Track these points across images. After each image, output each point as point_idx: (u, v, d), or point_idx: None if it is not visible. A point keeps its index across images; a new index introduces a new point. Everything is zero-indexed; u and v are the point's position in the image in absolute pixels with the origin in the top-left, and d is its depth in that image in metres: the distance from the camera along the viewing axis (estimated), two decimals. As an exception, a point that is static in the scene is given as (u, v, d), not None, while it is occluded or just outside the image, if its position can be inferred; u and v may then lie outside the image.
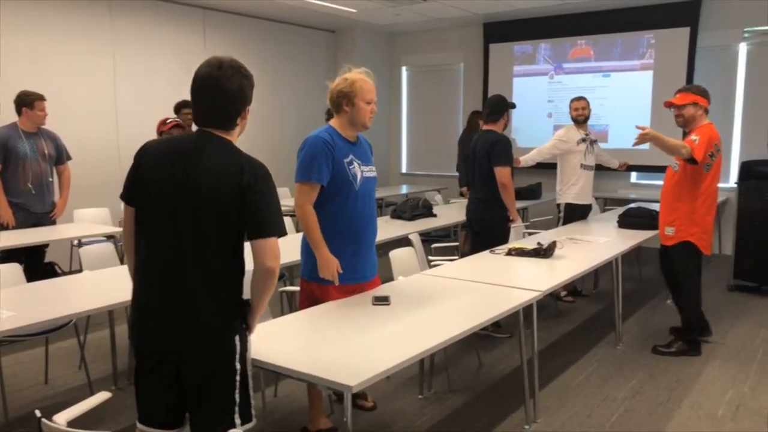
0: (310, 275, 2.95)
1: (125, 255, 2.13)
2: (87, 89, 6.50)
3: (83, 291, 3.23)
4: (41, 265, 4.81)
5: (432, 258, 4.20)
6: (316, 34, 9.21)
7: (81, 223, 5.19)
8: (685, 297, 4.26)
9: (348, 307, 2.82)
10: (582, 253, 4.05)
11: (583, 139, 5.32)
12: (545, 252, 3.87)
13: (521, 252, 3.95)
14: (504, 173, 4.47)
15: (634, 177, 8.03)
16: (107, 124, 6.71)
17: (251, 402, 2.07)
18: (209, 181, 1.91)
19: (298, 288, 3.16)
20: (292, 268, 4.18)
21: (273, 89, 8.60)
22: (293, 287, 3.71)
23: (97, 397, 1.94)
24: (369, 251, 3.05)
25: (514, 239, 4.62)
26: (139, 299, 2.01)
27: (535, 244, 3.96)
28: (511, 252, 3.98)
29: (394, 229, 4.87)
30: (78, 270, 3.84)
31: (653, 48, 7.64)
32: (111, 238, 4.67)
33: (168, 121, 4.51)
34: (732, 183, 6.58)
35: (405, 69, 9.80)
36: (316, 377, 2.07)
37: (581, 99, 5.40)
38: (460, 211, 5.30)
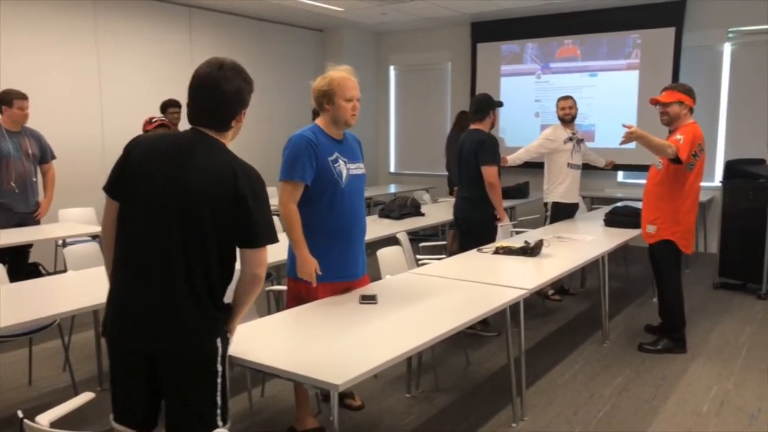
0: (297, 274, 2.95)
1: (104, 251, 2.08)
2: (71, 88, 6.44)
3: (68, 291, 3.20)
4: (25, 266, 4.76)
5: (420, 257, 4.20)
6: (303, 33, 9.19)
7: (66, 223, 5.15)
8: (669, 294, 4.29)
9: (335, 306, 2.81)
10: (569, 252, 4.07)
11: (570, 138, 5.34)
12: (532, 250, 3.88)
13: (508, 250, 3.96)
14: (491, 172, 4.48)
15: (620, 176, 8.08)
16: (92, 123, 6.66)
17: (228, 403, 2.06)
18: (200, 183, 1.89)
19: (285, 287, 3.15)
20: (279, 267, 4.16)
21: (260, 88, 8.48)
22: (280, 287, 3.70)
23: (81, 398, 1.92)
24: (357, 249, 3.03)
25: (501, 238, 4.63)
26: (118, 297, 1.96)
27: (522, 242, 3.97)
28: (499, 250, 3.99)
29: (382, 228, 4.87)
30: (62, 270, 3.80)
31: (639, 48, 7.69)
32: (96, 238, 4.63)
33: (153, 120, 4.48)
34: (717, 182, 6.64)
35: (393, 68, 9.79)
36: (302, 376, 2.07)
37: (568, 98, 5.42)
38: (448, 211, 5.30)
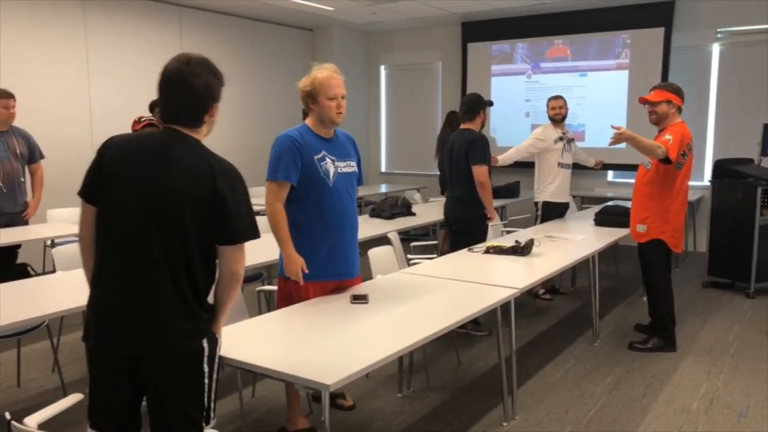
0: (281, 272, 2.94)
1: (82, 256, 2.02)
2: (60, 88, 6.39)
3: (56, 292, 3.17)
4: (13, 266, 4.72)
5: (411, 256, 4.20)
6: (293, 32, 9.17)
7: (54, 223, 5.11)
8: (659, 293, 4.31)
9: (326, 306, 2.81)
10: (559, 251, 4.08)
11: (560, 138, 5.36)
12: (523, 250, 3.89)
13: (499, 250, 3.96)
14: (481, 172, 4.49)
15: (610, 176, 8.13)
16: (81, 122, 6.61)
17: (213, 404, 2.06)
18: (179, 182, 1.87)
19: (275, 287, 3.14)
20: (270, 267, 4.15)
21: (251, 88, 8.54)
22: (271, 287, 3.69)
23: (70, 399, 1.90)
24: (347, 248, 3.01)
25: (492, 237, 4.64)
26: (101, 301, 1.92)
27: (513, 242, 3.98)
28: (489, 250, 4.00)
29: (373, 228, 4.86)
30: (51, 271, 3.77)
31: (629, 48, 7.73)
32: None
33: (141, 120, 4.43)
34: (706, 181, 6.69)
35: (383, 68, 9.79)
36: (293, 376, 2.06)
37: (558, 98, 5.44)
38: (439, 210, 5.31)
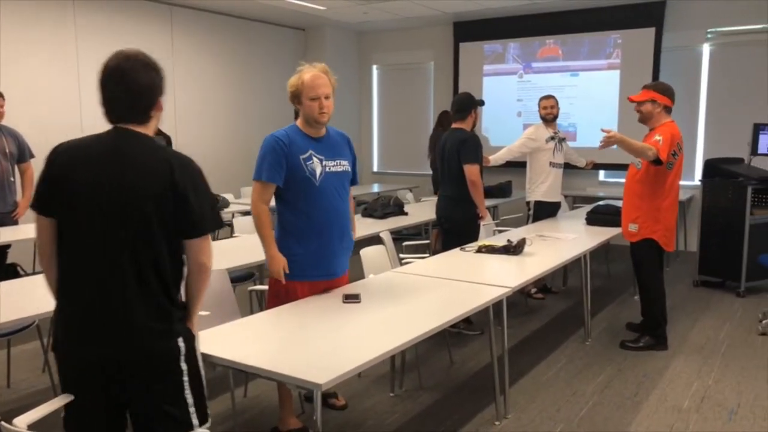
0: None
1: (45, 270, 1.96)
2: (50, 87, 6.34)
3: (46, 292, 3.10)
4: (3, 266, 4.68)
5: (403, 256, 4.20)
6: (285, 32, 9.15)
7: (44, 223, 5.06)
8: (651, 292, 4.33)
9: (318, 305, 2.80)
10: (551, 250, 4.09)
11: (552, 138, 5.37)
12: (515, 249, 3.89)
13: (491, 249, 3.97)
14: (473, 171, 4.49)
15: (601, 175, 8.15)
16: (71, 122, 6.56)
17: (206, 402, 2.03)
18: (137, 180, 1.84)
19: (267, 287, 3.12)
20: (261, 267, 4.14)
21: (242, 87, 8.52)
22: (262, 286, 3.68)
23: (59, 400, 1.88)
24: (336, 247, 2.99)
25: (484, 237, 4.64)
26: (69, 309, 1.89)
27: (505, 241, 3.99)
28: (481, 249, 4.00)
29: (365, 228, 4.85)
30: (41, 271, 3.74)
31: (620, 48, 7.76)
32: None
33: None
34: (696, 181, 6.72)
35: (375, 68, 9.78)
36: (285, 376, 2.06)
37: (550, 97, 5.45)
38: (431, 210, 5.31)
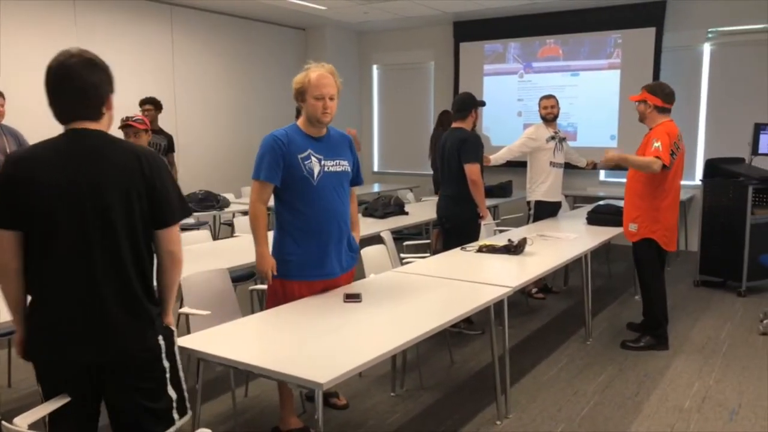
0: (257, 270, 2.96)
1: (3, 286, 1.88)
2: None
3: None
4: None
5: (404, 255, 4.19)
6: (286, 31, 9.14)
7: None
8: (651, 292, 4.32)
9: (319, 305, 2.80)
10: (552, 250, 4.09)
11: (552, 137, 5.37)
12: (516, 249, 3.89)
13: (492, 249, 3.97)
14: (473, 170, 4.49)
15: (602, 175, 8.14)
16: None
17: (185, 395, 2.06)
18: (112, 178, 1.84)
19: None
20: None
21: (243, 87, 8.51)
22: (263, 286, 3.67)
23: (59, 400, 1.88)
24: (333, 247, 2.98)
25: (484, 236, 4.64)
26: (49, 316, 1.86)
27: (506, 241, 3.98)
28: (482, 249, 4.00)
29: (365, 227, 4.84)
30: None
31: (620, 48, 7.75)
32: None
33: (122, 120, 4.33)
34: (697, 180, 6.72)
35: (376, 67, 9.78)
36: (286, 375, 2.05)
37: (550, 97, 5.45)
38: (431, 210, 5.30)
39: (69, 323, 1.84)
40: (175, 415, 2.01)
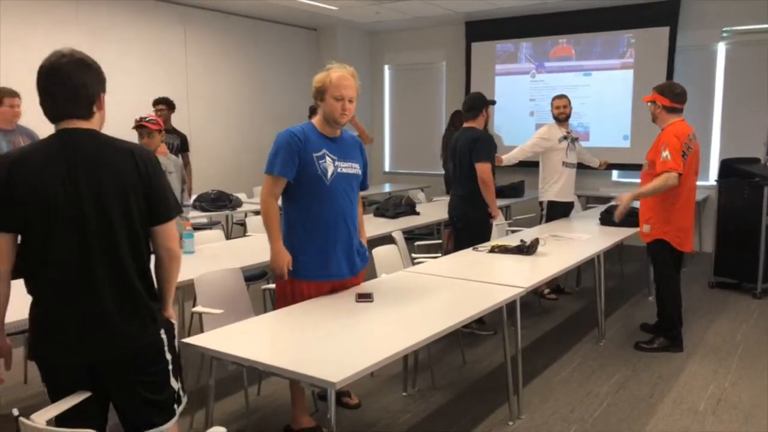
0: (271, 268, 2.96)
1: None
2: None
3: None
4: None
5: (415, 255, 4.19)
6: (298, 32, 9.16)
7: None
8: (665, 293, 4.29)
9: (331, 305, 2.80)
10: (565, 251, 4.07)
11: (565, 137, 5.34)
12: (528, 249, 3.88)
13: (504, 249, 3.95)
14: (484, 169, 4.47)
15: (615, 175, 8.09)
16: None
17: (183, 386, 2.10)
18: (110, 176, 1.85)
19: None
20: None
21: (254, 87, 8.54)
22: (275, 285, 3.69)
23: (76, 396, 1.90)
24: (342, 248, 2.96)
25: (497, 237, 4.63)
26: (50, 316, 1.88)
27: (518, 241, 3.97)
28: (494, 249, 3.99)
29: (377, 227, 4.86)
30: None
31: (633, 47, 7.70)
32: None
33: (136, 121, 4.34)
34: (711, 181, 6.66)
35: (387, 68, 9.78)
36: (299, 374, 2.06)
37: (563, 97, 5.42)
38: (442, 210, 5.30)
39: (70, 324, 1.86)
40: (175, 406, 2.05)
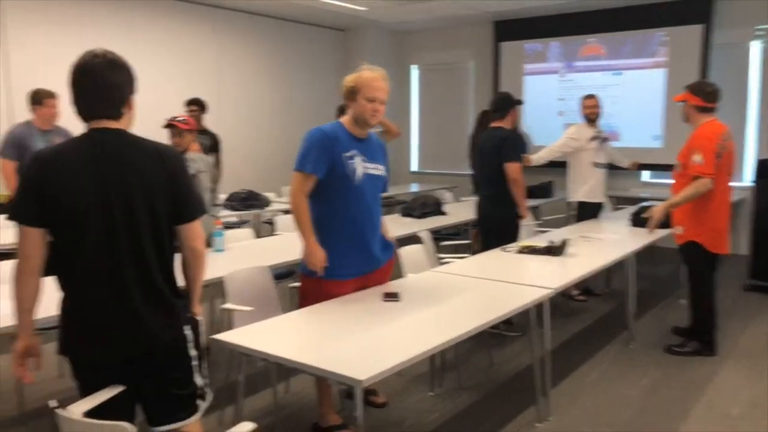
0: (303, 269, 2.95)
1: (22, 283, 1.88)
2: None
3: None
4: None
5: (442, 255, 4.18)
6: (325, 32, 9.21)
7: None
8: (698, 296, 4.21)
9: (358, 303, 2.81)
10: (594, 252, 4.02)
11: (595, 137, 5.28)
12: (557, 250, 3.84)
13: (533, 250, 3.92)
14: (514, 168, 4.45)
15: (646, 176, 7.96)
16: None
17: (208, 381, 2.13)
18: (135, 175, 1.88)
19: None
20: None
21: (283, 87, 8.61)
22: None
23: (112, 389, 1.94)
24: (366, 249, 2.97)
25: (525, 237, 4.59)
26: (80, 313, 1.92)
27: (547, 241, 3.93)
28: (523, 250, 3.96)
29: (403, 227, 4.86)
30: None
31: (666, 46, 7.57)
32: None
33: (167, 120, 4.39)
34: (747, 182, 6.51)
35: (415, 67, 9.77)
36: (327, 371, 2.07)
37: (592, 97, 5.37)
38: (470, 210, 5.28)
39: (99, 321, 1.90)
40: (199, 402, 2.09)
